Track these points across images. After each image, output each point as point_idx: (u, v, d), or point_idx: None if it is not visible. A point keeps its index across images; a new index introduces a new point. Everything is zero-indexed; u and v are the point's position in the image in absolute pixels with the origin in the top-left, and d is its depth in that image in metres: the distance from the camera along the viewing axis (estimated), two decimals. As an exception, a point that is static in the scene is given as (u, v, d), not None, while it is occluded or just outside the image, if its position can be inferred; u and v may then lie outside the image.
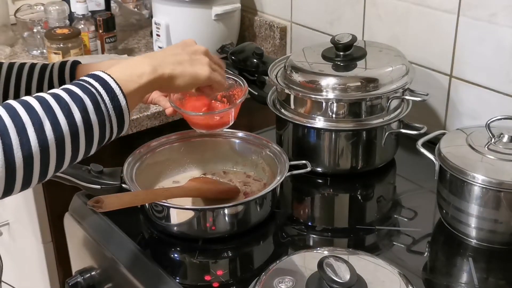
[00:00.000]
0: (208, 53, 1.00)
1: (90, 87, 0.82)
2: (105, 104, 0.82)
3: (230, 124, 1.11)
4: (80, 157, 0.83)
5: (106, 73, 0.85)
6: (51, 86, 1.11)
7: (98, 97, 0.82)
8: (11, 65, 1.12)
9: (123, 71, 0.88)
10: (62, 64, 1.13)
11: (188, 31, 1.68)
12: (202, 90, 1.02)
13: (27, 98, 0.78)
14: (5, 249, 1.79)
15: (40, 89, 1.11)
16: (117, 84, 0.84)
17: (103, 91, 0.83)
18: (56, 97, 0.79)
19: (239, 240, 1.08)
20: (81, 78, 0.85)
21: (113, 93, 0.83)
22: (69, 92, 0.81)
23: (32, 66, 1.12)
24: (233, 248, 1.08)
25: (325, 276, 0.78)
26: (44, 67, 1.12)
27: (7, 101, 0.78)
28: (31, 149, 0.75)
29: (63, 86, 0.83)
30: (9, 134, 0.74)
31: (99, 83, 0.83)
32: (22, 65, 1.12)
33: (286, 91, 1.25)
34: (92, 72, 0.86)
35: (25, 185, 0.77)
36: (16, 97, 1.10)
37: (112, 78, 0.85)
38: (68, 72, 1.12)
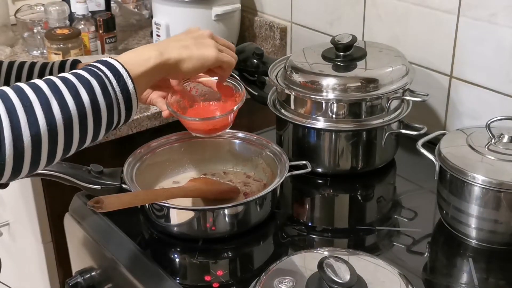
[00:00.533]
0: (213, 36, 1.00)
1: (97, 70, 0.83)
2: (113, 87, 0.83)
3: (227, 129, 1.12)
4: (89, 141, 0.82)
5: (113, 58, 0.86)
6: None
7: (106, 80, 0.82)
8: (11, 63, 1.12)
9: (130, 56, 0.89)
10: (63, 63, 1.13)
11: (188, 32, 1.68)
12: (213, 71, 1.02)
13: (35, 80, 0.79)
14: (5, 249, 1.79)
15: None
16: (124, 68, 0.85)
17: (111, 74, 0.83)
18: (64, 79, 0.80)
19: (239, 240, 1.08)
20: (89, 63, 0.86)
21: (120, 76, 0.84)
22: (77, 75, 0.81)
23: (32, 64, 1.12)
24: (233, 248, 1.08)
25: (325, 277, 0.78)
26: (44, 65, 1.12)
27: (16, 83, 0.78)
28: (39, 128, 0.75)
29: (71, 71, 0.83)
30: (17, 113, 0.74)
31: (106, 67, 0.84)
32: (22, 64, 1.12)
33: (286, 91, 1.25)
34: (100, 58, 0.87)
35: (33, 166, 0.77)
36: None
37: (119, 62, 0.86)
38: (68, 70, 1.12)
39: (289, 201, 1.25)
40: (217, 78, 1.10)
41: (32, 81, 0.79)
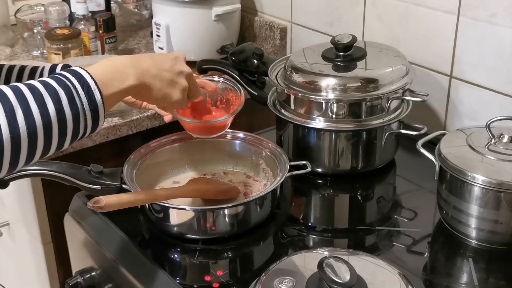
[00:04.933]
0: (190, 77, 1.01)
1: (65, 80, 0.82)
2: (80, 98, 0.82)
3: (225, 130, 1.15)
4: (52, 150, 0.82)
5: (83, 68, 0.86)
6: None
7: (73, 90, 0.82)
8: (11, 68, 1.11)
9: (105, 71, 0.88)
10: (53, 67, 1.12)
11: (188, 32, 1.68)
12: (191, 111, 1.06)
13: (2, 87, 0.78)
14: (5, 249, 1.79)
15: None
16: (93, 79, 0.84)
17: (79, 85, 0.83)
18: (31, 88, 0.79)
19: (239, 240, 1.08)
20: (59, 72, 0.86)
21: (88, 87, 0.83)
22: (44, 84, 0.81)
23: (22, 68, 1.11)
24: (233, 248, 1.08)
25: (325, 277, 0.78)
26: (34, 69, 1.11)
27: None
28: (1, 135, 0.74)
29: (40, 78, 0.83)
30: None
31: (75, 77, 0.83)
32: (11, 67, 1.11)
33: (286, 91, 1.25)
34: (70, 68, 0.86)
35: None
36: None
37: (89, 73, 0.85)
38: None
39: (289, 201, 1.25)
40: (217, 80, 1.12)
41: None
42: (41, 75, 1.11)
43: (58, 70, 1.11)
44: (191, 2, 1.65)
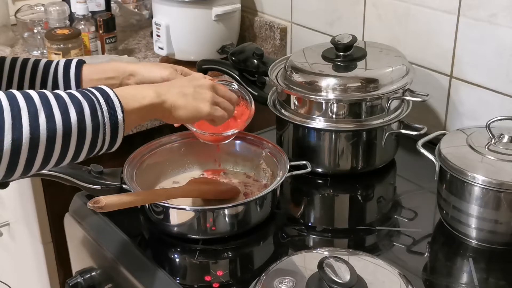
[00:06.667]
0: (214, 87, 1.01)
1: (90, 94, 0.85)
2: (102, 112, 0.84)
3: (232, 138, 1.16)
4: (68, 159, 0.83)
5: (109, 87, 0.88)
6: (55, 83, 1.12)
7: (97, 104, 0.84)
8: (14, 60, 1.12)
9: (127, 90, 0.91)
10: (68, 62, 1.13)
11: (188, 32, 1.68)
12: (203, 122, 1.04)
13: (29, 91, 0.80)
14: (5, 249, 1.79)
15: (44, 85, 1.12)
16: (117, 97, 0.86)
17: (102, 100, 0.85)
18: (56, 95, 0.81)
19: (239, 240, 1.08)
20: (84, 87, 0.88)
21: (112, 103, 0.85)
22: (69, 94, 0.83)
23: (36, 62, 1.12)
24: (233, 248, 1.08)
25: (325, 277, 0.78)
26: (48, 64, 1.13)
27: (10, 90, 0.79)
28: (21, 134, 0.76)
29: (66, 91, 0.85)
30: (3, 115, 0.75)
31: (100, 93, 0.86)
32: (26, 60, 1.12)
33: (286, 91, 1.25)
34: (96, 85, 0.89)
35: (9, 172, 0.77)
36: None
37: (114, 92, 0.87)
38: (73, 71, 1.12)
39: (289, 201, 1.25)
40: (233, 86, 1.13)
41: (25, 90, 0.80)
42: (55, 71, 1.12)
43: (73, 65, 1.13)
44: (191, 2, 1.65)
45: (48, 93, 0.81)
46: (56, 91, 0.83)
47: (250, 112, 1.14)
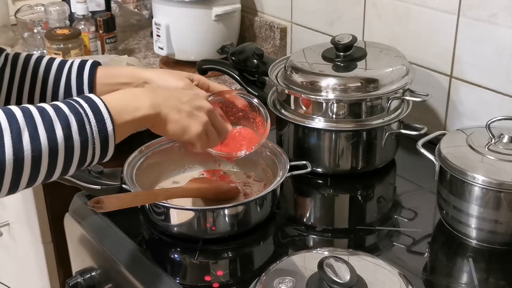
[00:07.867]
0: (211, 114, 0.98)
1: (78, 106, 0.81)
2: (91, 126, 0.80)
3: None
4: (56, 176, 0.80)
5: (98, 96, 0.84)
6: (68, 84, 1.10)
7: (85, 118, 0.80)
8: (28, 57, 1.11)
9: (120, 99, 0.87)
10: (82, 63, 1.11)
11: (188, 32, 1.68)
12: (185, 144, 1.01)
13: (12, 107, 0.77)
14: (5, 249, 1.79)
15: (56, 86, 1.10)
16: (107, 108, 0.82)
17: (91, 113, 0.81)
18: (41, 111, 0.78)
19: (239, 240, 1.08)
20: (72, 97, 0.84)
21: (101, 116, 0.81)
22: (56, 108, 0.79)
23: (50, 61, 1.11)
24: (233, 248, 1.08)
25: (325, 277, 0.78)
26: (62, 63, 1.11)
27: None
28: (4, 155, 0.73)
29: (52, 102, 0.81)
30: None
31: (88, 104, 0.81)
32: (40, 58, 1.11)
33: (286, 91, 1.25)
34: (85, 94, 0.85)
35: None
36: (32, 89, 1.09)
37: (103, 102, 0.83)
38: (87, 73, 1.10)
39: (289, 201, 1.25)
40: (253, 101, 1.11)
41: (9, 106, 0.77)
42: (69, 71, 1.10)
43: (87, 66, 1.10)
44: (191, 2, 1.65)
45: (32, 108, 0.77)
46: (42, 104, 0.79)
47: (266, 128, 1.11)
